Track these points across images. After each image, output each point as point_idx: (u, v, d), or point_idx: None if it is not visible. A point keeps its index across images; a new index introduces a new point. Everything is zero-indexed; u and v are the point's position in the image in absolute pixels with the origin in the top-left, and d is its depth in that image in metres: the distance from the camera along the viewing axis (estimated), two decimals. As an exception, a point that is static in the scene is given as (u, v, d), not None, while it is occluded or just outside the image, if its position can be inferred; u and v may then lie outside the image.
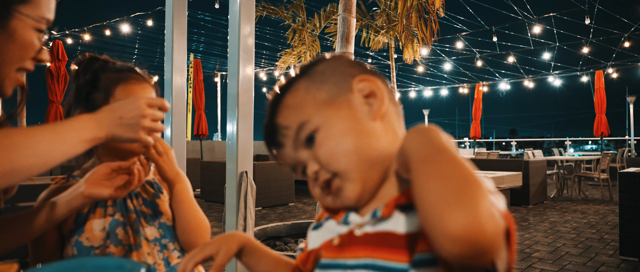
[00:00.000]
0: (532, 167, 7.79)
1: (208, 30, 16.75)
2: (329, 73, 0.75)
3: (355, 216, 0.72)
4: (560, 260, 4.28)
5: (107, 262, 1.02)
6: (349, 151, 0.68)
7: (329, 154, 0.69)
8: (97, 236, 1.18)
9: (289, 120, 0.73)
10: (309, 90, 0.73)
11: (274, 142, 0.76)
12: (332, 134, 0.69)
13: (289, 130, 0.73)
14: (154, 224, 1.25)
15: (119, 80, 1.23)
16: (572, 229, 5.74)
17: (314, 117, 0.71)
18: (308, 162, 0.72)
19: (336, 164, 0.69)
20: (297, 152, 0.73)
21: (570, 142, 16.49)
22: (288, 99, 0.74)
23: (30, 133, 0.81)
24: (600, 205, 7.74)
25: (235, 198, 2.80)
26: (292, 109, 0.73)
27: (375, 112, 0.72)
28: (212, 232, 5.68)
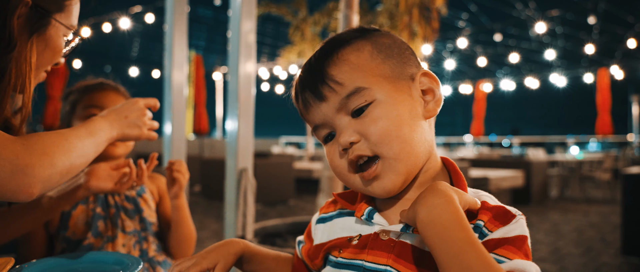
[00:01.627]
0: (534, 166, 7.76)
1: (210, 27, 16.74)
2: (396, 50, 0.70)
3: (380, 218, 0.69)
4: (562, 260, 4.26)
5: (105, 257, 1.01)
6: (405, 140, 0.65)
7: (383, 134, 0.64)
8: (81, 230, 1.27)
9: (346, 77, 0.66)
10: (374, 57, 0.68)
11: (315, 90, 0.68)
12: (390, 115, 0.65)
13: (342, 87, 0.66)
14: (134, 218, 1.34)
15: (85, 91, 1.36)
16: (573, 229, 5.71)
17: (374, 88, 0.66)
18: (345, 130, 0.66)
19: (388, 147, 0.64)
20: (337, 114, 0.67)
21: (573, 142, 16.45)
22: (350, 54, 0.68)
23: (76, 135, 0.92)
24: (602, 205, 7.71)
25: (234, 195, 2.78)
26: (353, 67, 0.67)
27: (429, 111, 0.69)
28: (212, 229, 5.67)
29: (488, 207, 0.64)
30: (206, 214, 6.59)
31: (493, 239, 0.60)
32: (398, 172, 0.65)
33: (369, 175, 0.66)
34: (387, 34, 0.73)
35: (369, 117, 0.65)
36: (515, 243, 0.59)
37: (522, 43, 13.95)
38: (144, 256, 1.31)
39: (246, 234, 2.76)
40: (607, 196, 8.61)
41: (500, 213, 0.62)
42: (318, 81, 0.67)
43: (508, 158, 9.07)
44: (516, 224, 0.61)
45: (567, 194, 8.94)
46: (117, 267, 0.95)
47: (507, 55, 11.30)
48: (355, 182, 0.68)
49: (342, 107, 0.66)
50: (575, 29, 12.78)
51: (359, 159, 0.66)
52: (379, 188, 0.66)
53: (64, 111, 1.37)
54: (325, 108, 0.67)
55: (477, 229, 0.62)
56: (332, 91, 0.66)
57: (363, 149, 0.65)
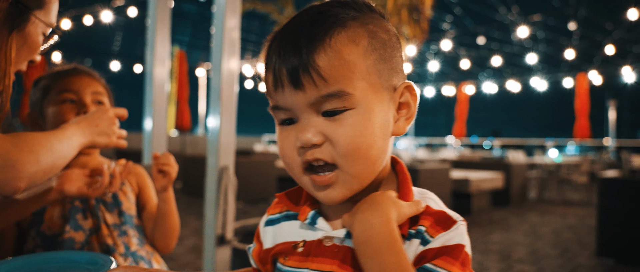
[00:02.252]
0: (514, 168, 7.88)
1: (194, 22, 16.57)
2: (389, 51, 0.64)
3: (324, 223, 0.67)
4: (539, 260, 4.33)
5: (77, 256, 0.99)
6: (370, 160, 0.62)
7: (352, 149, 0.59)
8: (57, 224, 1.22)
9: (332, 74, 0.59)
10: (367, 55, 0.61)
11: (294, 75, 0.59)
12: (365, 131, 0.60)
13: (325, 85, 0.58)
14: (113, 211, 1.30)
15: (58, 76, 1.30)
16: (551, 230, 5.82)
17: (358, 96, 0.60)
18: (310, 127, 0.60)
19: (352, 164, 0.60)
20: (308, 108, 0.60)
21: (552, 145, 16.77)
22: (344, 46, 0.60)
23: (56, 137, 0.97)
24: (579, 207, 7.87)
25: (215, 193, 2.75)
26: (343, 63, 0.59)
27: (399, 129, 0.65)
28: (193, 227, 5.61)
29: (430, 212, 0.63)
30: (187, 212, 6.52)
31: (433, 249, 0.59)
32: (351, 189, 0.62)
33: (322, 182, 0.61)
34: (386, 26, 0.66)
35: (342, 125, 0.59)
36: (453, 253, 0.59)
37: (505, 47, 14.16)
38: (127, 250, 1.28)
39: (226, 233, 2.73)
40: (584, 198, 8.80)
41: (442, 218, 0.62)
42: (301, 66, 0.59)
43: (489, 160, 9.20)
44: (456, 231, 0.60)
45: (545, 196, 9.11)
46: (91, 267, 0.93)
47: (490, 58, 11.46)
48: (304, 181, 0.64)
49: (316, 103, 0.60)
50: (556, 34, 13.02)
51: (315, 161, 0.61)
52: (326, 197, 0.63)
53: (35, 98, 1.31)
54: (298, 97, 0.60)
55: (418, 234, 0.61)
56: (313, 84, 0.59)
57: (324, 153, 0.60)
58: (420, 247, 0.60)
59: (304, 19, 0.62)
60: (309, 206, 0.69)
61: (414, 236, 0.62)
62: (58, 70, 1.32)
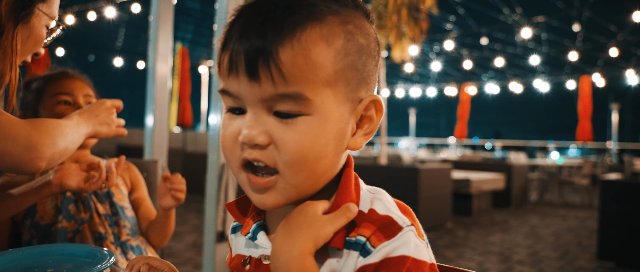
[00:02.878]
0: (515, 170, 7.86)
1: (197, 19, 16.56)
2: (363, 59, 0.57)
3: (264, 239, 0.62)
4: (539, 263, 4.32)
5: (76, 250, 0.99)
6: (315, 174, 0.56)
7: (298, 159, 0.54)
8: (49, 214, 1.26)
9: (293, 73, 0.52)
10: (338, 60, 0.54)
11: (251, 64, 0.52)
12: (317, 142, 0.54)
13: (283, 83, 0.52)
14: (105, 202, 1.34)
15: (50, 79, 1.35)
16: (551, 232, 5.81)
17: (317, 103, 0.53)
18: (257, 124, 0.54)
19: (294, 174, 0.55)
20: (259, 103, 0.54)
21: (554, 147, 16.73)
22: (314, 45, 0.53)
23: (67, 125, 1.03)
24: (580, 210, 7.85)
25: (215, 190, 2.75)
26: (309, 64, 0.52)
27: (355, 144, 0.59)
28: (193, 223, 5.61)
29: (374, 217, 0.56)
30: (187, 208, 6.52)
31: (371, 264, 0.53)
32: (288, 198, 0.57)
33: (259, 184, 0.56)
34: (367, 29, 0.59)
35: (293, 130, 0.53)
36: (394, 268, 0.52)
37: (508, 48, 14.13)
38: (117, 240, 1.31)
39: (226, 229, 2.73)
40: (585, 201, 8.78)
41: (386, 224, 0.55)
42: (261, 56, 0.52)
43: (490, 161, 9.18)
44: (401, 238, 0.53)
45: (546, 198, 9.09)
46: (89, 260, 0.93)
47: (493, 59, 11.43)
48: (241, 178, 0.58)
49: (270, 100, 0.53)
50: (560, 36, 12.99)
51: (256, 161, 0.55)
52: (259, 201, 0.57)
53: (27, 100, 1.35)
54: (252, 89, 0.53)
55: (357, 245, 0.55)
56: (270, 79, 0.52)
57: (267, 157, 0.54)
58: (361, 259, 0.54)
59: (280, 1, 0.54)
60: (252, 218, 0.65)
61: (352, 247, 0.55)
62: (50, 74, 1.37)
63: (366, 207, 0.58)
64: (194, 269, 3.68)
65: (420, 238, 0.55)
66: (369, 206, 0.58)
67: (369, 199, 0.59)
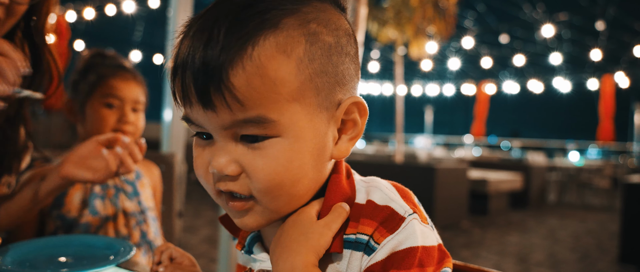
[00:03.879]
0: (533, 170, 7.74)
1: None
2: (334, 59, 0.51)
3: (260, 251, 0.60)
4: (557, 264, 4.24)
5: (95, 240, 0.99)
6: (294, 196, 0.52)
7: (272, 186, 0.50)
8: (76, 207, 1.24)
9: (250, 97, 0.46)
10: (301, 68, 0.48)
11: (202, 93, 0.47)
12: (291, 164, 0.49)
13: (241, 109, 0.47)
14: (133, 200, 1.32)
15: (106, 75, 1.30)
16: (570, 234, 5.70)
17: (284, 122, 0.48)
18: (224, 153, 0.50)
19: (271, 199, 0.51)
20: (222, 132, 0.49)
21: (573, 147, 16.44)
22: (269, 61, 0.46)
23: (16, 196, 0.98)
24: (600, 212, 7.69)
25: (232, 186, 2.75)
26: (267, 83, 0.46)
27: (339, 151, 0.54)
28: (207, 217, 5.65)
29: (374, 209, 0.52)
30: (201, 202, 6.57)
31: (378, 262, 0.50)
32: (269, 219, 0.54)
33: (237, 207, 0.52)
34: (335, 22, 0.52)
35: (262, 155, 0.48)
36: (405, 261, 0.49)
37: (528, 46, 13.89)
38: (144, 238, 1.30)
39: (242, 225, 2.73)
40: (605, 203, 8.60)
41: (387, 217, 0.51)
42: (210, 82, 0.46)
43: (507, 161, 9.05)
44: (406, 229, 0.50)
45: (565, 199, 8.93)
46: (108, 252, 0.93)
47: (512, 57, 11.25)
48: (220, 201, 0.55)
49: (231, 127, 0.48)
50: (582, 34, 12.72)
51: (229, 191, 0.52)
52: (241, 224, 0.54)
53: (80, 88, 1.31)
54: (210, 118, 0.48)
55: (359, 244, 0.52)
56: (226, 106, 0.46)
57: (240, 187, 0.50)
58: (366, 258, 0.51)
59: (225, 12, 0.47)
60: (247, 231, 0.61)
61: (354, 246, 0.52)
62: (107, 69, 1.32)
63: (363, 198, 0.54)
64: (209, 263, 3.70)
65: (424, 223, 0.52)
66: (366, 197, 0.54)
67: (365, 189, 0.55)
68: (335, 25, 0.52)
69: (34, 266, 0.85)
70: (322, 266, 0.53)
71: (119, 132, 1.27)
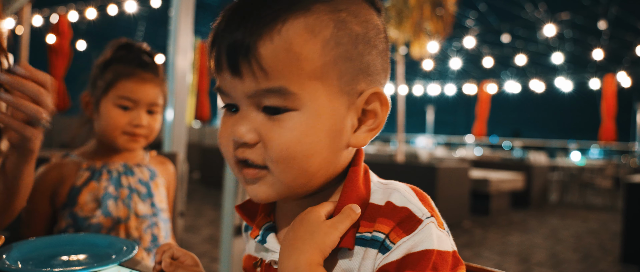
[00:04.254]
0: (535, 170, 7.73)
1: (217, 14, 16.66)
2: (360, 48, 0.53)
3: (274, 242, 0.60)
4: (559, 264, 4.24)
5: (98, 239, 1.00)
6: (307, 172, 0.53)
7: (285, 157, 0.52)
8: (89, 207, 1.22)
9: (275, 67, 0.50)
10: (326, 51, 0.51)
11: (232, 59, 0.51)
12: (305, 138, 0.51)
13: (265, 78, 0.50)
14: (146, 201, 1.30)
15: (122, 75, 1.25)
16: (572, 234, 5.69)
17: (304, 97, 0.51)
18: (246, 122, 0.53)
19: (283, 170, 0.53)
20: (247, 100, 0.53)
21: (575, 147, 16.41)
22: (296, 36, 0.50)
23: None
24: (602, 212, 7.68)
25: (233, 183, 2.75)
26: (292, 57, 0.50)
27: (356, 139, 0.56)
28: (209, 217, 5.65)
29: (392, 210, 0.53)
30: (204, 202, 6.58)
31: (393, 262, 0.50)
32: (279, 193, 0.55)
33: (249, 174, 0.55)
34: (366, 17, 0.55)
35: (279, 128, 0.51)
36: (420, 263, 0.49)
37: (530, 45, 13.87)
38: (154, 242, 1.29)
39: (244, 223, 2.73)
40: (607, 203, 8.58)
41: (405, 218, 0.52)
42: (240, 51, 0.50)
43: (509, 161, 9.03)
44: (422, 232, 0.51)
45: (566, 199, 8.91)
46: (110, 251, 0.93)
47: (514, 56, 11.24)
48: (236, 173, 0.58)
49: (255, 96, 0.52)
50: (584, 34, 12.69)
51: (245, 159, 0.55)
52: (252, 192, 0.56)
53: (97, 85, 1.26)
54: (237, 85, 0.52)
55: (375, 242, 0.52)
56: (252, 74, 0.51)
57: (255, 156, 0.53)
58: (380, 256, 0.52)
59: None
60: (262, 220, 0.63)
61: (369, 244, 0.53)
62: (125, 68, 1.26)
63: (381, 200, 0.55)
64: (211, 263, 3.70)
65: (440, 228, 0.53)
66: (385, 199, 0.55)
67: (382, 191, 0.56)
68: (365, 18, 0.54)
69: (37, 265, 0.85)
70: (332, 261, 0.54)
71: (129, 135, 1.25)
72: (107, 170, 1.27)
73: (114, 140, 1.25)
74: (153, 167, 1.38)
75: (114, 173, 1.27)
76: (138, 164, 1.34)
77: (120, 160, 1.31)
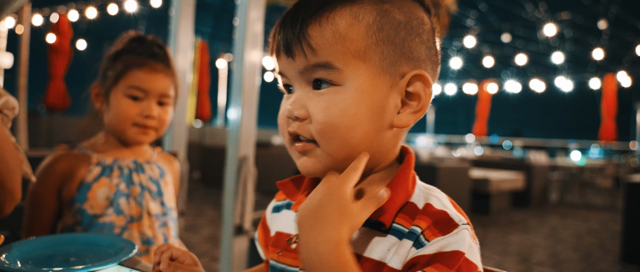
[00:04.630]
0: (535, 169, 7.73)
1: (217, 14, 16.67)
2: (402, 34, 0.58)
3: None
4: (559, 264, 4.24)
5: (98, 239, 0.99)
6: (349, 145, 0.57)
7: (328, 129, 0.56)
8: (100, 204, 1.19)
9: (322, 45, 0.56)
10: (369, 34, 0.57)
11: (287, 43, 0.59)
12: (347, 111, 0.56)
13: (313, 55, 0.57)
14: (157, 200, 1.28)
15: (133, 65, 1.23)
16: (572, 234, 5.69)
17: (347, 73, 0.56)
18: (297, 99, 0.59)
19: (327, 142, 0.57)
20: (299, 77, 0.60)
21: (575, 147, 16.40)
22: (342, 19, 0.57)
23: None
24: (602, 212, 7.68)
25: (234, 183, 2.75)
26: (337, 37, 0.56)
27: (400, 120, 0.59)
28: (209, 216, 5.65)
29: (431, 211, 0.57)
30: (204, 201, 6.58)
31: (426, 255, 0.53)
32: (325, 165, 0.59)
33: (298, 148, 0.60)
34: (409, 9, 0.60)
35: (324, 101, 0.57)
36: (449, 261, 0.52)
37: (530, 45, 13.86)
38: (165, 241, 1.27)
39: (244, 223, 2.73)
40: (607, 203, 8.58)
41: (442, 220, 0.56)
42: (293, 35, 0.58)
43: (509, 160, 9.03)
44: (456, 235, 0.54)
45: (567, 199, 8.91)
46: (111, 250, 0.93)
47: (514, 56, 11.23)
48: (290, 150, 0.63)
49: (306, 72, 0.58)
50: (584, 33, 12.69)
51: (295, 134, 0.60)
52: (301, 165, 0.60)
53: (107, 75, 1.24)
54: (290, 64, 0.60)
55: (411, 235, 0.56)
56: (302, 54, 0.58)
57: (303, 130, 0.59)
58: (413, 250, 0.55)
59: None
60: (305, 196, 0.65)
61: (406, 236, 0.56)
62: (136, 58, 1.24)
63: (421, 203, 0.59)
64: (211, 262, 3.70)
65: (473, 239, 0.56)
66: (424, 201, 0.59)
67: (424, 195, 0.60)
68: (408, 10, 0.60)
69: (36, 264, 0.85)
70: (365, 241, 0.58)
71: (140, 126, 1.23)
72: (118, 166, 1.24)
73: (124, 132, 1.22)
74: (162, 166, 1.35)
75: (125, 170, 1.23)
76: (147, 161, 1.30)
77: (131, 155, 1.28)
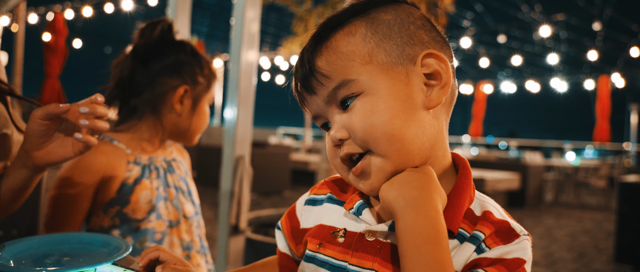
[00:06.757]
0: (530, 170, 7.76)
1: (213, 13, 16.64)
2: (396, 29, 0.62)
3: (369, 215, 0.64)
4: (554, 264, 4.26)
5: (92, 238, 0.99)
6: (394, 136, 0.58)
7: (368, 130, 0.58)
8: (142, 209, 1.14)
9: (332, 69, 0.61)
10: (366, 40, 0.61)
11: (306, 83, 0.63)
12: (377, 108, 0.58)
13: (329, 80, 0.61)
14: (188, 199, 1.24)
15: (215, 76, 1.24)
16: (567, 234, 5.72)
17: (363, 79, 0.60)
18: (335, 124, 0.62)
19: (375, 144, 0.59)
20: (328, 107, 0.63)
21: (570, 147, 16.48)
22: (340, 41, 0.62)
23: None
24: (596, 212, 7.72)
25: (230, 183, 2.75)
26: (341, 56, 0.61)
27: (431, 100, 0.61)
28: (205, 216, 5.65)
29: (492, 219, 0.59)
30: (200, 201, 6.56)
31: (488, 258, 0.55)
32: (385, 172, 0.60)
33: (355, 171, 0.61)
34: (391, 6, 0.64)
35: (355, 112, 0.60)
36: (510, 265, 0.55)
37: (525, 46, 13.92)
38: (201, 242, 1.23)
39: (240, 223, 2.73)
40: (602, 203, 8.63)
41: (504, 230, 0.58)
42: (307, 74, 0.63)
43: (505, 160, 9.06)
44: (518, 245, 0.56)
45: (561, 199, 8.96)
46: (104, 250, 0.92)
47: (510, 57, 11.27)
48: (350, 179, 0.64)
49: (331, 99, 0.62)
50: (579, 35, 12.75)
51: (350, 155, 0.62)
52: (364, 186, 0.62)
53: (197, 79, 1.23)
54: (317, 100, 0.63)
55: (474, 240, 0.58)
56: (320, 84, 0.62)
57: (352, 146, 0.61)
58: (474, 254, 0.57)
59: (309, 40, 0.66)
60: (358, 195, 0.67)
61: (468, 240, 0.58)
62: (214, 73, 1.26)
63: (478, 210, 0.61)
64: (206, 262, 3.70)
65: (531, 251, 0.58)
66: (481, 209, 0.61)
67: (479, 202, 0.63)
68: (392, 9, 0.63)
69: (30, 264, 0.85)
70: None
71: None
72: (154, 166, 1.19)
73: (193, 139, 1.24)
74: (184, 163, 1.32)
75: (161, 170, 1.19)
76: (173, 159, 1.26)
77: (161, 152, 1.23)
